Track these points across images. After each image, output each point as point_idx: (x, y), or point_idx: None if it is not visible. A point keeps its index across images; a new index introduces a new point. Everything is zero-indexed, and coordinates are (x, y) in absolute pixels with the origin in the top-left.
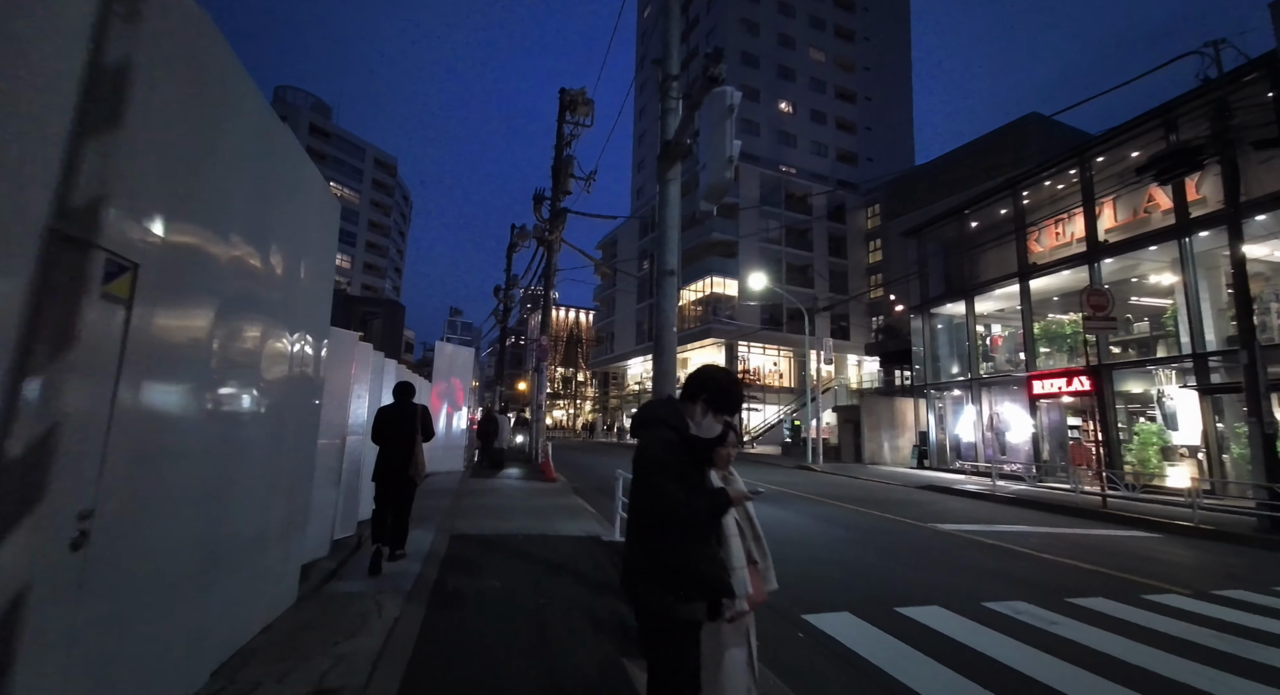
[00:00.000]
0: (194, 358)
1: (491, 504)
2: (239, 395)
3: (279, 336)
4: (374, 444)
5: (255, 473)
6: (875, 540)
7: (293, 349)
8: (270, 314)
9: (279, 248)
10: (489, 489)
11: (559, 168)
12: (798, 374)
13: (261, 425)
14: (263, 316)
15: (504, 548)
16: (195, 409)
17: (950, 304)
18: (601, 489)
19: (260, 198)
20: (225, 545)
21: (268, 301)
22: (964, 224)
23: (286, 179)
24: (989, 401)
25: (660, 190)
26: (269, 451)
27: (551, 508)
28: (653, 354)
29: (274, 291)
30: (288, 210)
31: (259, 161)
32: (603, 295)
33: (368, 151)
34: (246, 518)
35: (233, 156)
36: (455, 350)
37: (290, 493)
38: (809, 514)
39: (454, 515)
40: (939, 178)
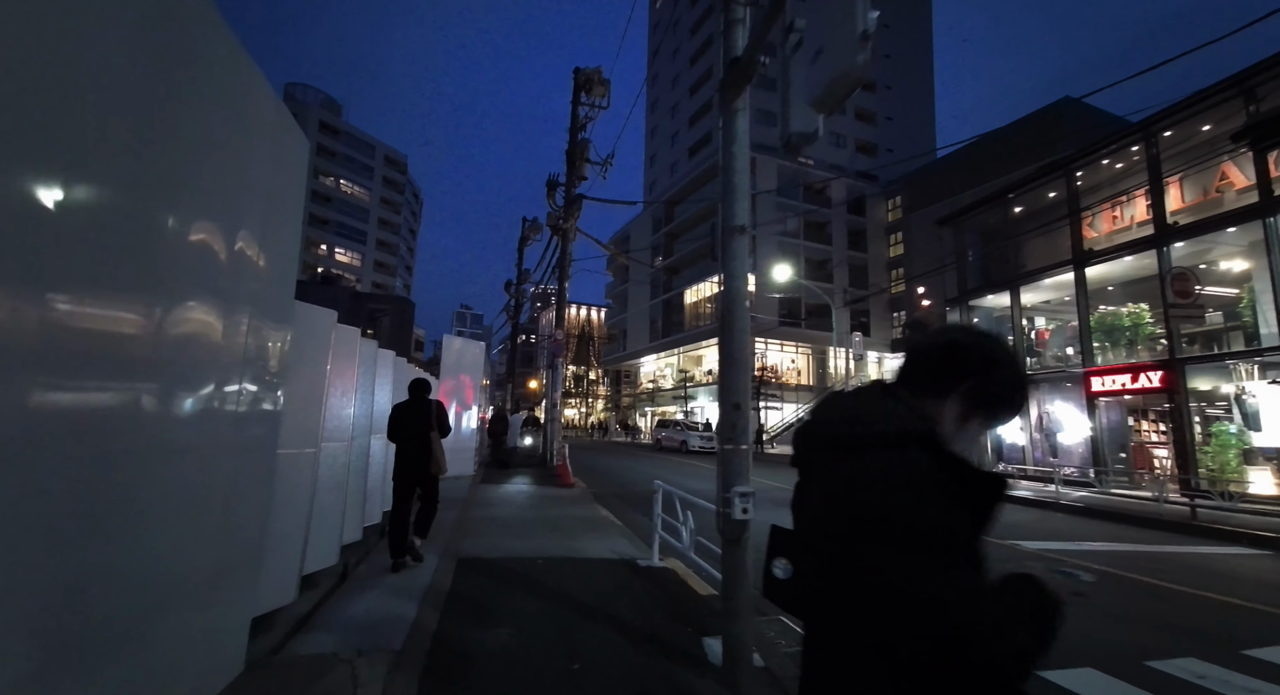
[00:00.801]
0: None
1: (504, 516)
2: (124, 393)
3: (193, 314)
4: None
5: (158, 498)
6: None
7: (226, 333)
8: (172, 281)
9: (194, 187)
10: (501, 497)
11: (573, 152)
12: (816, 371)
13: (169, 434)
14: (155, 285)
15: (521, 578)
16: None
17: (992, 295)
18: (624, 496)
19: (157, 113)
20: (101, 605)
21: (159, 264)
22: (1007, 210)
23: (212, 84)
24: (1038, 400)
25: (725, 124)
26: (190, 469)
27: (572, 520)
28: (720, 337)
29: (180, 253)
30: (214, 133)
31: (151, 36)
32: (615, 292)
33: (378, 149)
34: (148, 560)
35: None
36: (465, 345)
37: (231, 523)
38: None
39: (461, 532)
40: (965, 167)
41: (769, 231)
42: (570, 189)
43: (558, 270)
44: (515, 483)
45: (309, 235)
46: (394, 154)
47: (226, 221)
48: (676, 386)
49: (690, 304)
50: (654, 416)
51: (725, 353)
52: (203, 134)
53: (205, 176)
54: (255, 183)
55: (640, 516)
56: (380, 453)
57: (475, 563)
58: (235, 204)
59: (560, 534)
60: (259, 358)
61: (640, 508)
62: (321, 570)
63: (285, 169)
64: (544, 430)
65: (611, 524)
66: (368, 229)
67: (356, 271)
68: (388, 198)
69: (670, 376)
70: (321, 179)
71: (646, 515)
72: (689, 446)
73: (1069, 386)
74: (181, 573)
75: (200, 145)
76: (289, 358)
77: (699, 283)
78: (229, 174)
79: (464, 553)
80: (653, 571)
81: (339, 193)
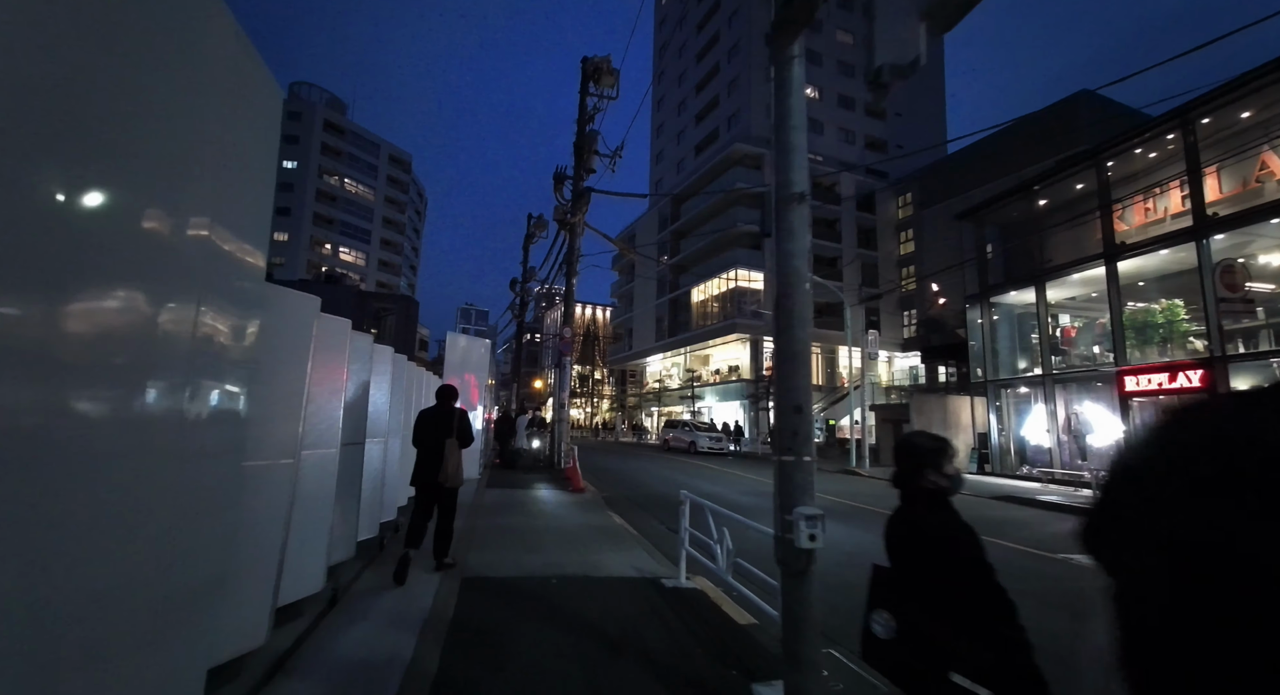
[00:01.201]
0: None
1: (513, 525)
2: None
3: (113, 301)
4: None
5: (71, 514)
6: (1040, 590)
7: (166, 322)
8: (81, 258)
9: (115, 137)
10: (509, 503)
11: (581, 144)
12: (824, 371)
13: (82, 439)
14: (57, 263)
15: (534, 601)
16: None
17: (1015, 292)
18: (637, 501)
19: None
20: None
21: (54, 236)
22: (1031, 203)
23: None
24: (1064, 400)
25: (777, 75)
26: (114, 481)
27: (586, 530)
28: (775, 328)
29: (92, 224)
30: (143, 62)
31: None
32: (621, 291)
33: (382, 148)
34: (57, 594)
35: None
36: (470, 343)
37: (178, 548)
38: None
39: (467, 543)
40: (978, 162)
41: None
42: (578, 182)
43: (565, 266)
44: (522, 487)
45: (314, 235)
46: (399, 152)
47: (163, 183)
48: (684, 386)
49: (697, 303)
50: (660, 417)
51: (782, 347)
52: (124, 65)
53: (128, 121)
54: (206, 133)
55: (657, 525)
56: (377, 458)
57: (482, 583)
58: (175, 160)
59: (574, 546)
60: (213, 352)
61: (656, 514)
62: (306, 598)
63: (249, 117)
64: (551, 431)
65: (627, 534)
66: (372, 228)
67: (361, 271)
68: (392, 197)
69: (677, 376)
70: (326, 178)
71: (664, 523)
72: (698, 447)
73: (1099, 386)
74: (108, 611)
75: (123, 83)
76: (258, 352)
77: (706, 281)
78: (163, 118)
79: (469, 570)
80: (681, 593)
81: (344, 192)
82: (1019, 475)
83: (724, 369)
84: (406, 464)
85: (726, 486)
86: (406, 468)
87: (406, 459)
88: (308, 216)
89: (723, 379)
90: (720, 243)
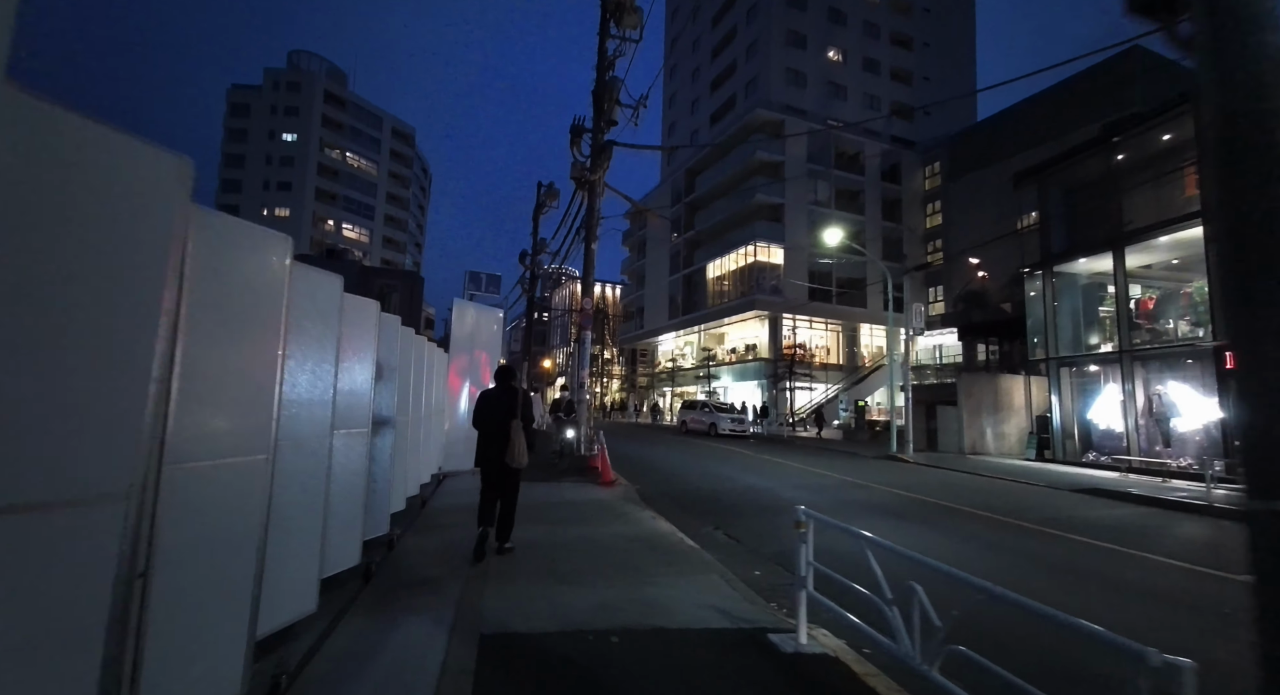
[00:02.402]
0: None
1: (538, 537)
2: None
3: None
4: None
5: None
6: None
7: None
8: None
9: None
10: (529, 502)
11: (601, 92)
12: (845, 350)
13: None
14: None
15: (589, 679)
16: None
17: (1085, 259)
18: (677, 498)
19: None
20: None
21: None
22: (1108, 159)
23: None
24: (1142, 380)
25: None
26: None
27: (635, 545)
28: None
29: None
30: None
31: None
32: (632, 268)
33: (385, 120)
34: None
35: None
36: (479, 313)
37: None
38: (1012, 551)
39: (482, 570)
40: (1015, 128)
41: (799, 201)
42: (598, 135)
43: (584, 230)
44: (541, 480)
45: (315, 211)
46: (402, 126)
47: None
48: (699, 366)
49: (713, 279)
50: (672, 397)
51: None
52: None
53: None
54: None
55: (711, 530)
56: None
57: (509, 643)
58: None
59: (625, 571)
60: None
61: (705, 514)
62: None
63: None
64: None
65: (688, 550)
66: (376, 204)
67: (365, 248)
68: (396, 172)
69: (690, 356)
70: (328, 152)
71: (722, 527)
72: (718, 430)
73: (1189, 364)
74: None
75: None
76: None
77: (723, 256)
78: None
79: (489, 618)
80: (808, 666)
81: (346, 166)
82: (1086, 462)
83: (740, 348)
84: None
85: (775, 478)
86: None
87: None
88: (309, 192)
89: (739, 358)
90: (738, 216)
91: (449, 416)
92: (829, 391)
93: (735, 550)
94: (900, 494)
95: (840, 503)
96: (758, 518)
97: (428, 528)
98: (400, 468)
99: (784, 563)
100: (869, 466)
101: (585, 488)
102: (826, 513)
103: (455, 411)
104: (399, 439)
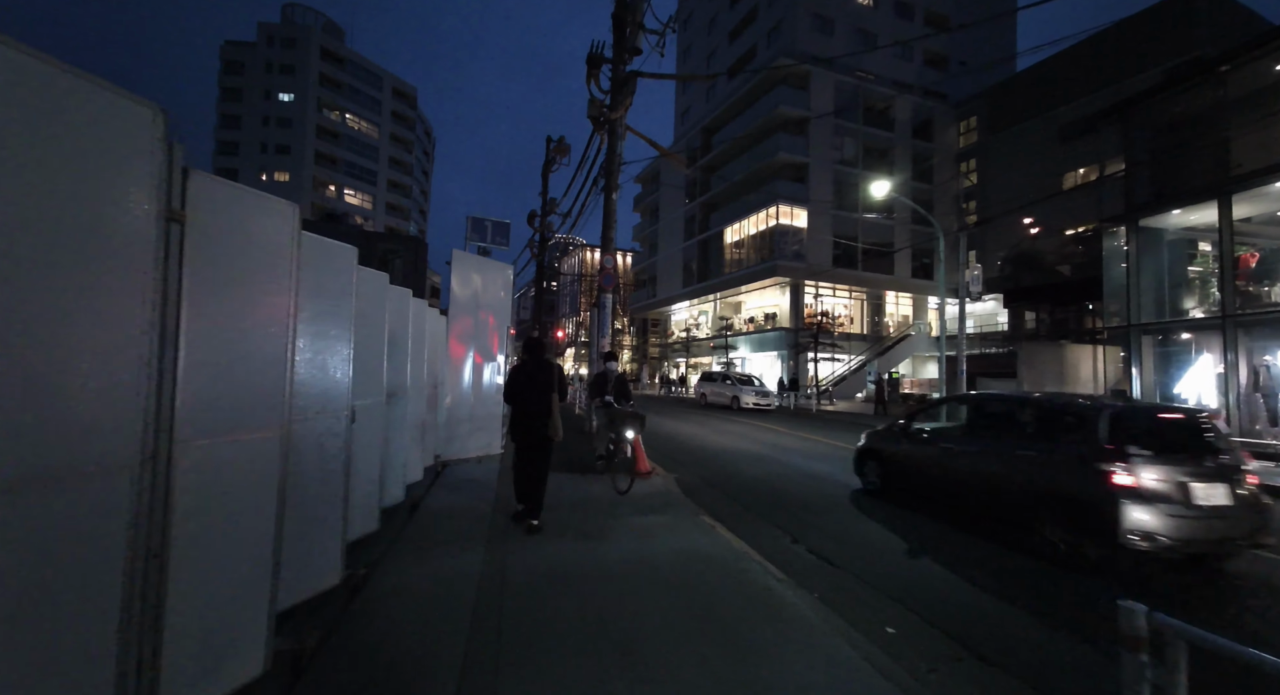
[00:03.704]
0: None
1: (575, 565)
2: None
3: None
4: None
5: None
6: None
7: None
8: None
9: None
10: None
11: (623, 15)
12: (870, 319)
13: None
14: None
15: None
16: None
17: (1179, 211)
18: (727, 489)
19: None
20: None
21: None
22: (1213, 92)
23: None
24: (1247, 351)
25: None
26: None
27: (702, 574)
28: None
29: None
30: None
31: None
32: (644, 234)
33: (385, 80)
34: None
35: None
36: (484, 267)
37: None
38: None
39: (495, 636)
40: (1062, 78)
41: (824, 159)
42: (619, 66)
43: (604, 177)
44: (563, 470)
45: (316, 174)
46: (403, 86)
47: None
48: (715, 336)
49: (730, 244)
50: (686, 368)
51: None
52: None
53: None
54: None
55: (790, 543)
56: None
57: None
58: None
59: (715, 639)
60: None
61: (769, 515)
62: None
63: None
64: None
65: (780, 594)
66: (378, 168)
67: (368, 214)
68: (398, 134)
69: (705, 325)
70: (327, 113)
71: (794, 535)
72: (740, 403)
73: None
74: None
75: None
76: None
77: (742, 219)
78: None
79: None
80: None
81: (346, 128)
82: None
83: (759, 316)
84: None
85: (826, 460)
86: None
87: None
88: (308, 155)
89: (758, 327)
90: (758, 175)
91: (451, 390)
92: (851, 363)
93: (838, 581)
94: None
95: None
96: (830, 516)
97: (421, 548)
98: (372, 464)
99: (918, 605)
100: None
101: (618, 480)
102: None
103: (459, 385)
104: (372, 426)
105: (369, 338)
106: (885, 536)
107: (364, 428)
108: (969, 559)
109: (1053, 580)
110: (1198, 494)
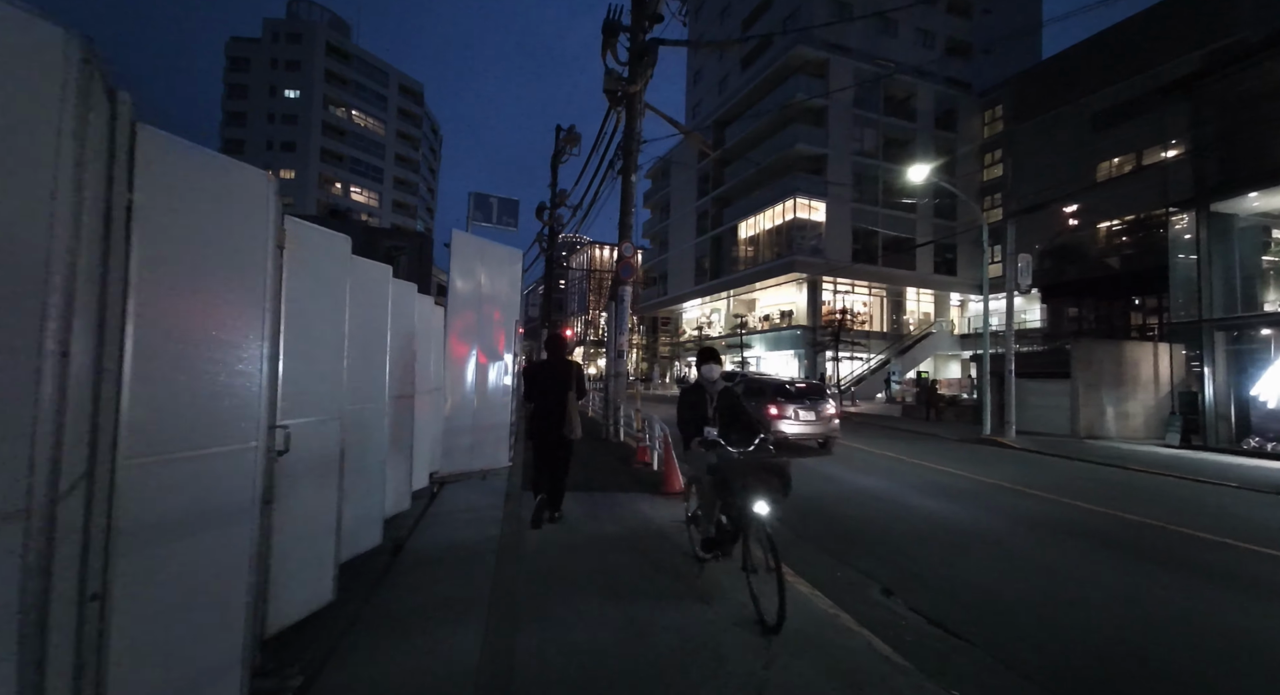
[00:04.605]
0: None
1: (609, 659)
2: None
3: None
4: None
5: None
6: None
7: None
8: None
9: None
10: (572, 544)
11: None
12: (890, 316)
13: None
14: None
15: None
16: None
17: (1257, 194)
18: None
19: None
20: None
21: None
22: None
23: None
24: None
25: None
26: None
27: (790, 684)
28: None
29: None
30: None
31: None
32: (654, 231)
33: (391, 76)
34: None
35: None
36: (489, 252)
37: None
38: None
39: None
40: (1093, 65)
41: (842, 151)
42: (638, 35)
43: (622, 157)
44: (582, 488)
45: (322, 172)
46: (410, 82)
47: None
48: (729, 334)
49: (745, 239)
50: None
51: None
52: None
53: None
54: None
55: (881, 595)
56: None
57: None
58: None
59: None
60: None
61: (837, 552)
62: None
63: None
64: (605, 390)
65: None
66: (385, 166)
67: (374, 212)
68: (404, 131)
69: (718, 323)
70: (332, 109)
71: (883, 584)
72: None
73: None
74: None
75: None
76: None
77: (757, 213)
78: None
79: None
80: None
81: (352, 125)
82: (1247, 450)
83: (775, 314)
84: None
85: (880, 475)
86: None
87: None
88: (314, 152)
89: (773, 326)
90: (774, 168)
91: (450, 395)
92: (871, 362)
93: (963, 671)
94: (1077, 506)
95: (1016, 521)
96: (917, 553)
97: (397, 623)
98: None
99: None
100: (974, 456)
101: (643, 501)
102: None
103: (459, 389)
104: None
105: (320, 335)
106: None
107: (313, 459)
108: None
109: None
110: (803, 416)
